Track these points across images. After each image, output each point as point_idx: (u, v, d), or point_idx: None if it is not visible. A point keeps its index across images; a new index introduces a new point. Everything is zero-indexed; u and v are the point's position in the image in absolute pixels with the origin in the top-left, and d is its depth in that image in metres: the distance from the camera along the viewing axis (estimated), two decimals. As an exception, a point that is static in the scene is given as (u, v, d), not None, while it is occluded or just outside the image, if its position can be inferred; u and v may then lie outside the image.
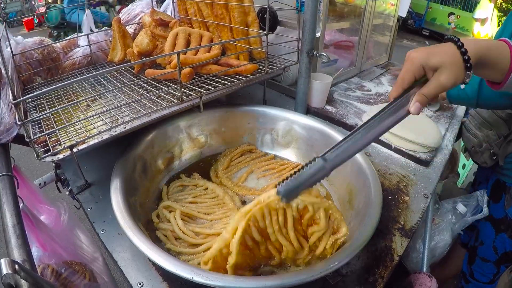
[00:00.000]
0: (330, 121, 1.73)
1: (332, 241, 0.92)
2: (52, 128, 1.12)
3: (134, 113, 1.15)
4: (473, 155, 1.83)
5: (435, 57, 0.78)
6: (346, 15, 2.12)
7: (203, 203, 1.25)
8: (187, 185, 1.34)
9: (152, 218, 1.16)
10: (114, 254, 1.00)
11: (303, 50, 1.55)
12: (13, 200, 1.00)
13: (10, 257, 0.77)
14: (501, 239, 1.77)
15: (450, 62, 0.77)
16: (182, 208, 1.18)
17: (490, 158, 1.72)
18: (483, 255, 1.87)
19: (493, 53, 0.81)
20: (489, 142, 1.69)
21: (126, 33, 1.65)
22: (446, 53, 0.77)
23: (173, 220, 1.13)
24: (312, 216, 0.89)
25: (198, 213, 1.19)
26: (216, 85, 1.34)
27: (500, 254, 1.81)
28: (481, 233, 1.88)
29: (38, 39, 1.63)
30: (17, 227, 0.89)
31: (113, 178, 1.06)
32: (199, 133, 1.48)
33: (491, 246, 1.81)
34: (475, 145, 1.76)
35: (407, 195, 1.30)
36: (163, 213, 1.17)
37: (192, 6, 1.73)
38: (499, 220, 1.78)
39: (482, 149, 1.73)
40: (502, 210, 1.76)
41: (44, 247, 1.17)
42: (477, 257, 1.90)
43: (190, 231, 1.10)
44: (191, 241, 1.07)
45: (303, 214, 0.89)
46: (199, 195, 1.28)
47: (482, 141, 1.72)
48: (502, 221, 1.76)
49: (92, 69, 1.71)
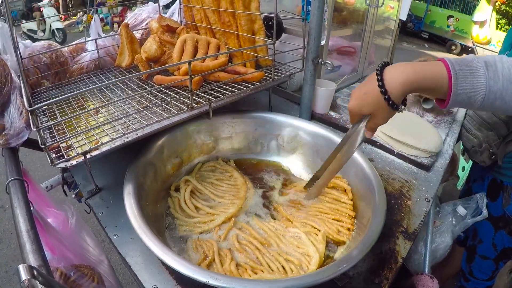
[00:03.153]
0: (334, 127, 1.76)
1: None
2: (63, 134, 1.15)
3: (145, 120, 1.17)
4: (472, 155, 1.87)
5: (366, 108, 0.94)
6: (349, 22, 2.15)
7: (220, 187, 1.36)
8: (218, 168, 1.46)
9: (171, 187, 1.34)
10: (127, 258, 1.02)
11: (308, 58, 1.57)
12: (25, 205, 1.01)
13: (26, 263, 0.79)
14: (500, 236, 1.83)
15: (377, 110, 0.92)
16: (197, 185, 1.32)
17: (489, 158, 1.76)
18: (482, 253, 1.92)
19: (427, 81, 0.86)
20: (488, 142, 1.73)
21: (133, 38, 1.68)
22: (373, 102, 0.92)
23: (182, 191, 1.29)
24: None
25: (209, 193, 1.32)
26: (225, 92, 1.37)
27: (499, 251, 1.87)
28: (479, 232, 1.93)
29: (46, 43, 1.65)
30: (31, 232, 0.90)
31: (126, 184, 1.09)
32: (207, 139, 1.51)
33: (490, 243, 1.87)
34: (475, 145, 1.79)
35: (409, 199, 1.33)
36: (180, 184, 1.33)
37: (198, 12, 1.75)
38: (497, 217, 1.83)
39: (481, 149, 1.76)
40: (500, 208, 1.81)
41: (53, 251, 1.18)
42: (476, 255, 1.95)
43: (192, 204, 1.24)
44: (188, 212, 1.22)
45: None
46: (222, 179, 1.40)
47: (482, 142, 1.75)
48: (500, 219, 1.82)
49: (99, 73, 1.72)
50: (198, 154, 1.50)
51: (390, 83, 0.87)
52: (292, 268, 1.03)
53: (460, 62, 0.85)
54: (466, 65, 0.84)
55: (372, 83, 0.90)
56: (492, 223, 1.86)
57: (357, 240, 1.04)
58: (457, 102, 0.86)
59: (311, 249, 1.08)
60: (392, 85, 0.87)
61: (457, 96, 0.84)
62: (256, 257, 1.07)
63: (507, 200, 1.77)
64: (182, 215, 1.21)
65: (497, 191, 1.85)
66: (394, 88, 0.87)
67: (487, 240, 1.89)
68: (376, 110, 0.93)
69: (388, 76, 0.88)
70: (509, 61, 0.83)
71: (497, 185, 1.85)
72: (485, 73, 0.82)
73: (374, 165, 1.42)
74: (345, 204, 1.25)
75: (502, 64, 0.82)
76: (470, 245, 2.01)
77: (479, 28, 11.08)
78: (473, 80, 0.83)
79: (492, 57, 0.85)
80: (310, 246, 1.09)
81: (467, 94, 0.84)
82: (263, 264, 1.04)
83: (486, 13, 10.83)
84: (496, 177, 1.85)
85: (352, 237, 1.13)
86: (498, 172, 1.82)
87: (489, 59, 0.84)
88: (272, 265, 1.03)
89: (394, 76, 0.87)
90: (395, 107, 0.89)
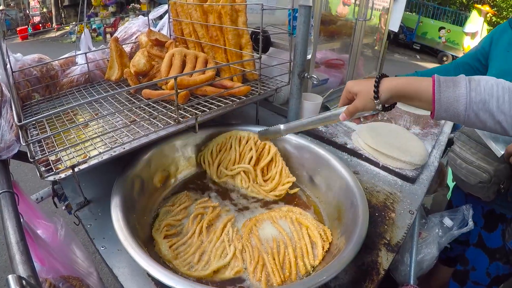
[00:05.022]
0: (320, 139, 1.77)
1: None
2: (52, 147, 1.17)
3: (132, 134, 1.19)
4: (476, 191, 1.61)
5: (357, 87, 1.10)
6: (336, 35, 2.18)
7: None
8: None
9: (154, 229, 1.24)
10: (114, 269, 1.03)
11: (294, 72, 1.60)
12: (15, 217, 1.02)
13: (15, 273, 0.80)
14: (496, 266, 1.79)
15: (363, 92, 1.07)
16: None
17: (494, 193, 1.57)
18: (475, 279, 1.88)
19: (413, 87, 0.99)
20: (499, 177, 1.50)
21: (123, 52, 1.70)
22: (364, 86, 1.07)
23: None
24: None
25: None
26: (211, 106, 1.39)
27: (493, 277, 1.82)
28: (472, 260, 1.89)
29: (37, 56, 1.66)
30: (21, 244, 0.91)
31: (113, 197, 1.10)
32: (194, 152, 1.53)
33: (484, 272, 1.83)
34: (484, 180, 1.53)
35: (393, 212, 1.34)
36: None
37: (187, 26, 1.77)
38: (494, 249, 1.79)
39: (490, 185, 1.53)
40: (499, 240, 1.75)
41: (43, 262, 1.19)
42: (469, 281, 1.91)
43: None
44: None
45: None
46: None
47: (493, 176, 1.50)
48: (498, 251, 1.77)
49: (89, 86, 1.74)
50: (185, 167, 1.51)
51: (382, 84, 1.03)
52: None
53: (447, 77, 0.95)
54: (451, 79, 0.94)
55: (373, 79, 1.06)
56: (488, 254, 1.81)
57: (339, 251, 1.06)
58: (443, 111, 0.93)
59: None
60: (384, 85, 1.03)
61: (441, 104, 0.92)
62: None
63: (511, 234, 1.66)
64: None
65: (495, 222, 1.78)
66: (385, 87, 1.02)
67: (481, 269, 1.85)
68: (362, 92, 1.07)
69: (383, 81, 1.04)
70: (493, 79, 0.90)
71: (495, 216, 1.78)
72: (466, 85, 0.90)
73: (359, 178, 1.44)
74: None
75: (486, 80, 0.90)
76: (461, 269, 1.96)
77: (470, 39, 11.21)
78: (455, 90, 0.91)
79: (479, 76, 0.92)
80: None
81: (450, 102, 0.91)
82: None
83: (477, 25, 10.96)
84: (494, 208, 1.78)
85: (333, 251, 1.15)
86: (500, 205, 1.73)
87: (475, 77, 0.92)
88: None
89: (387, 82, 1.03)
90: (376, 97, 1.03)
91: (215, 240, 1.18)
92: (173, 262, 1.09)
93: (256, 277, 1.04)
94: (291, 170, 1.50)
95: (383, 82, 1.03)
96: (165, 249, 1.13)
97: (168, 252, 1.12)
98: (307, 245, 1.13)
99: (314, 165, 1.42)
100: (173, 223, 1.25)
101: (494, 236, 1.78)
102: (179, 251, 1.15)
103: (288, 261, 1.09)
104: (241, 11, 1.55)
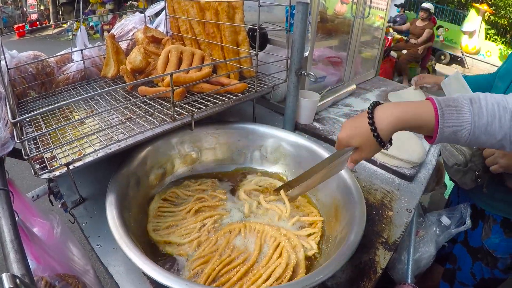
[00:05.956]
0: (318, 137, 1.78)
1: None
2: (47, 145, 1.16)
3: (128, 131, 1.19)
4: (453, 173, 1.62)
5: (355, 139, 0.99)
6: (334, 32, 2.18)
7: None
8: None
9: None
10: (109, 268, 1.03)
11: (291, 69, 1.59)
12: (10, 215, 1.02)
13: (9, 272, 0.80)
14: (479, 267, 1.76)
15: (365, 144, 0.98)
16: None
17: (472, 181, 1.57)
18: (461, 279, 1.86)
19: (415, 119, 0.91)
20: (475, 162, 1.51)
21: (119, 49, 1.69)
22: (362, 136, 0.97)
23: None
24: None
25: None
26: (207, 104, 1.39)
27: (479, 280, 1.79)
28: (459, 259, 1.88)
29: (32, 53, 1.65)
30: (15, 242, 0.92)
31: (108, 195, 1.09)
32: (190, 150, 1.52)
33: (469, 272, 1.82)
34: (459, 163, 1.54)
35: (391, 210, 1.34)
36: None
37: (184, 23, 1.77)
38: (475, 249, 1.77)
39: (466, 169, 1.54)
40: (479, 240, 1.73)
41: (38, 260, 1.19)
42: (456, 281, 1.89)
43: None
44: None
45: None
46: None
47: (468, 160, 1.52)
48: (479, 250, 1.75)
49: (85, 83, 1.73)
50: (182, 165, 1.51)
51: (380, 121, 0.93)
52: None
53: (446, 100, 0.89)
54: (452, 102, 0.88)
55: (363, 119, 0.96)
56: (470, 253, 1.80)
57: (336, 251, 1.05)
58: (444, 138, 0.90)
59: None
60: (382, 124, 0.93)
61: (443, 132, 0.88)
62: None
63: (487, 232, 1.69)
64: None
65: (476, 218, 1.76)
66: (384, 126, 0.93)
67: (466, 269, 1.82)
68: (364, 144, 0.98)
69: (378, 114, 0.94)
70: (492, 98, 0.87)
71: (477, 212, 1.76)
72: (470, 109, 0.86)
73: (356, 176, 1.44)
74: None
75: (486, 101, 0.86)
76: (450, 268, 1.94)
77: (468, 38, 11.24)
78: (459, 117, 0.86)
79: (477, 94, 0.89)
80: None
81: (454, 130, 0.87)
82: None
83: (475, 24, 10.98)
84: (476, 203, 1.76)
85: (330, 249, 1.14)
86: (480, 199, 1.72)
87: (473, 96, 0.88)
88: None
89: (384, 116, 0.93)
90: (382, 144, 0.95)
91: (191, 222, 1.24)
92: (150, 221, 1.25)
93: (192, 267, 1.07)
94: (289, 168, 1.51)
95: (379, 119, 0.94)
96: (153, 209, 1.30)
97: (153, 213, 1.28)
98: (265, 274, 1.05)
99: (311, 163, 1.41)
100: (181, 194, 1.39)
101: (475, 234, 1.77)
102: (162, 215, 1.29)
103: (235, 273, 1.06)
104: (238, 8, 1.55)
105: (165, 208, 1.32)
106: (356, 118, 1.00)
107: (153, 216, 1.28)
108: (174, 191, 1.39)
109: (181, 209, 1.31)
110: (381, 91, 2.54)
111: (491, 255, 1.69)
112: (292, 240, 1.15)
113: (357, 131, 0.98)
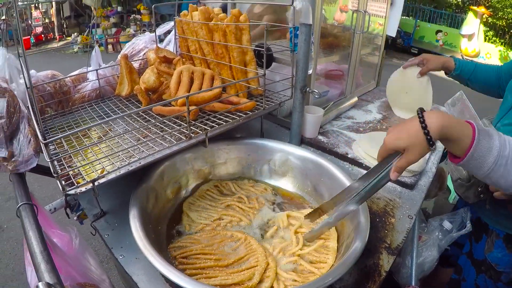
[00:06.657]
0: (323, 150, 1.84)
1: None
2: (70, 162, 1.24)
3: (147, 149, 1.27)
4: (457, 187, 1.73)
5: (403, 140, 1.00)
6: (335, 47, 2.23)
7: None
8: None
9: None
10: (134, 276, 1.10)
11: (296, 87, 1.66)
12: (37, 228, 1.08)
13: (42, 281, 0.86)
14: (483, 279, 1.77)
15: (414, 144, 0.98)
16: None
17: (475, 196, 1.63)
18: None
19: (456, 130, 0.97)
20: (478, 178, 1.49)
21: (132, 69, 1.77)
22: (411, 136, 0.98)
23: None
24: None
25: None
26: (219, 122, 1.46)
27: None
28: (464, 270, 1.90)
29: (50, 72, 1.73)
30: (45, 254, 0.98)
31: (130, 208, 1.17)
32: (204, 165, 1.59)
33: (473, 283, 1.83)
34: (463, 177, 1.64)
35: (393, 217, 1.41)
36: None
37: (193, 43, 1.84)
38: (479, 261, 1.78)
39: (469, 184, 1.62)
40: (482, 253, 1.75)
41: (60, 270, 1.24)
42: None
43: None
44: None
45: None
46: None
47: (471, 176, 1.60)
48: (482, 263, 1.76)
49: (100, 101, 1.80)
50: (195, 179, 1.58)
51: (429, 122, 0.97)
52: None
53: (480, 125, 0.98)
54: (483, 129, 0.97)
55: (411, 121, 1.01)
56: (474, 265, 1.81)
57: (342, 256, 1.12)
58: (472, 158, 0.96)
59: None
60: (432, 124, 0.96)
61: (475, 150, 0.95)
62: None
63: (490, 247, 1.70)
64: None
65: (481, 231, 1.78)
66: (433, 126, 0.96)
67: (470, 281, 1.84)
68: (412, 144, 0.99)
69: (427, 116, 0.98)
70: None
71: (481, 225, 1.79)
72: (498, 138, 0.96)
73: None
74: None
75: (510, 140, 0.97)
76: (455, 278, 1.96)
77: (467, 41, 11.26)
78: (490, 141, 0.96)
79: (502, 134, 0.99)
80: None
81: (484, 151, 0.95)
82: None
83: (473, 26, 11.00)
84: (481, 216, 1.79)
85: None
86: (483, 213, 1.76)
87: (501, 134, 0.99)
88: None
89: (434, 117, 0.97)
90: (431, 143, 0.97)
91: (214, 212, 1.44)
92: (193, 196, 1.52)
93: (182, 240, 1.29)
94: (296, 181, 1.58)
95: (429, 120, 0.97)
96: (203, 189, 1.56)
97: (200, 193, 1.54)
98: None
99: (317, 175, 1.48)
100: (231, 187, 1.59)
101: (479, 248, 1.79)
102: (204, 197, 1.52)
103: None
104: (245, 30, 1.62)
105: (211, 192, 1.54)
106: (405, 122, 1.04)
107: (198, 194, 1.52)
108: (227, 182, 1.61)
109: (221, 199, 1.50)
110: (381, 102, 2.58)
111: (494, 268, 1.70)
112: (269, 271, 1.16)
113: (405, 132, 1.00)
